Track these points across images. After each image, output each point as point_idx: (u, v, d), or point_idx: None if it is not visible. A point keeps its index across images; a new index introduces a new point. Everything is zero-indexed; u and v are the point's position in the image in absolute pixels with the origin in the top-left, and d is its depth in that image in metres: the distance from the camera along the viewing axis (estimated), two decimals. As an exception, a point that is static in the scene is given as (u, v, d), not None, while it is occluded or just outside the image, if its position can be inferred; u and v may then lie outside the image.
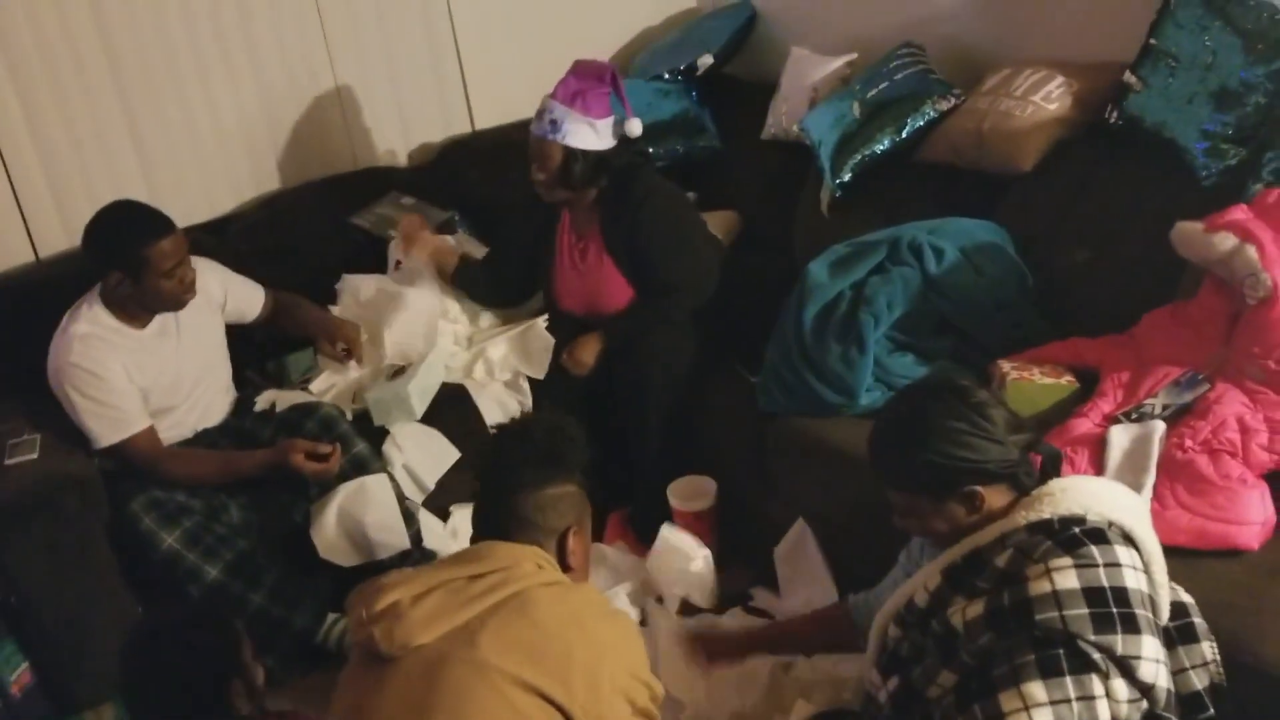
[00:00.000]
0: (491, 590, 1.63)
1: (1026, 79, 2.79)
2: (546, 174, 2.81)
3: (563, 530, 1.79)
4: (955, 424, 1.66)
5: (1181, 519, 1.89)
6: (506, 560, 1.69)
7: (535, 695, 1.55)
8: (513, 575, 1.66)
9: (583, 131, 2.76)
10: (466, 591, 1.64)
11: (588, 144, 2.77)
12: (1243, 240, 2.03)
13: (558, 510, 1.78)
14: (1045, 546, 1.58)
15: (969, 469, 1.65)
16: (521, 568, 1.68)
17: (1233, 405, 2.01)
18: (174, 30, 3.15)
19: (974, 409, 1.68)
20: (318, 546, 2.58)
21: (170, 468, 2.57)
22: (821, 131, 3.06)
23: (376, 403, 2.78)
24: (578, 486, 1.83)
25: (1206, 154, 2.42)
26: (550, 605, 1.64)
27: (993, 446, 1.66)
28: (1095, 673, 1.50)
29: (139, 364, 2.55)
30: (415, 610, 1.61)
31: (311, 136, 3.47)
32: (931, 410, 1.69)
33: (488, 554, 1.72)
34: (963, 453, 1.65)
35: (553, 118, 2.76)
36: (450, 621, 1.60)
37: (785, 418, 2.55)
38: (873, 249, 2.58)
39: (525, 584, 1.65)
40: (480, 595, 1.63)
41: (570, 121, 2.74)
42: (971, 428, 1.66)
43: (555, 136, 2.76)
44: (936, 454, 1.66)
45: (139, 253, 2.45)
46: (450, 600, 1.63)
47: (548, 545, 1.77)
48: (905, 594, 1.77)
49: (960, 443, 1.65)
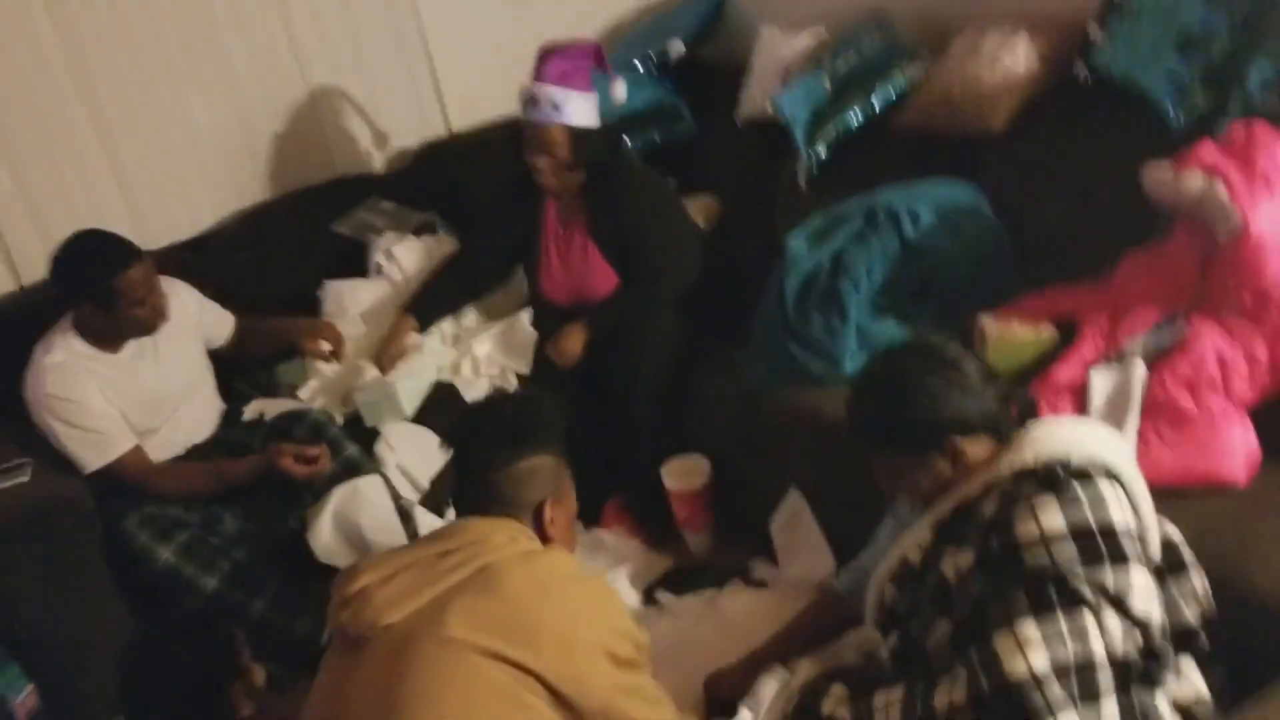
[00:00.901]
0: (460, 566, 1.64)
1: (993, 40, 2.77)
2: (556, 159, 2.79)
3: (538, 502, 1.78)
4: (930, 379, 1.67)
5: (1165, 456, 1.89)
6: (476, 535, 1.69)
7: (506, 664, 1.55)
8: (482, 549, 1.66)
9: (585, 107, 2.77)
10: (435, 569, 1.64)
11: (588, 120, 2.78)
12: (1211, 177, 2.03)
13: (532, 483, 1.78)
14: (1030, 489, 1.58)
15: (949, 422, 1.66)
16: (492, 541, 1.68)
17: (1212, 340, 2.00)
18: (145, 49, 3.16)
19: (949, 364, 1.68)
20: (315, 551, 2.57)
21: (162, 484, 2.58)
22: (794, 109, 3.05)
23: (366, 404, 2.79)
24: (553, 457, 1.83)
25: (1175, 100, 2.41)
26: (517, 575, 1.63)
27: (969, 398, 1.66)
28: (1087, 607, 1.50)
29: (116, 387, 2.55)
30: (383, 591, 1.62)
31: (288, 147, 3.48)
32: (905, 369, 1.70)
33: (459, 531, 1.73)
34: (941, 406, 1.65)
35: (553, 100, 2.74)
36: (418, 599, 1.61)
37: (774, 392, 2.55)
38: (849, 217, 2.59)
39: (494, 557, 1.65)
40: (448, 571, 1.63)
41: (570, 101, 2.74)
42: (946, 382, 1.66)
43: (560, 118, 2.75)
44: (915, 410, 1.66)
45: (108, 284, 2.45)
46: (418, 579, 1.63)
47: (524, 518, 1.77)
48: (898, 553, 1.77)
49: (937, 396, 1.66)
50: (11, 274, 3.07)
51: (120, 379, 2.56)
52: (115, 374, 2.56)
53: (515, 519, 1.76)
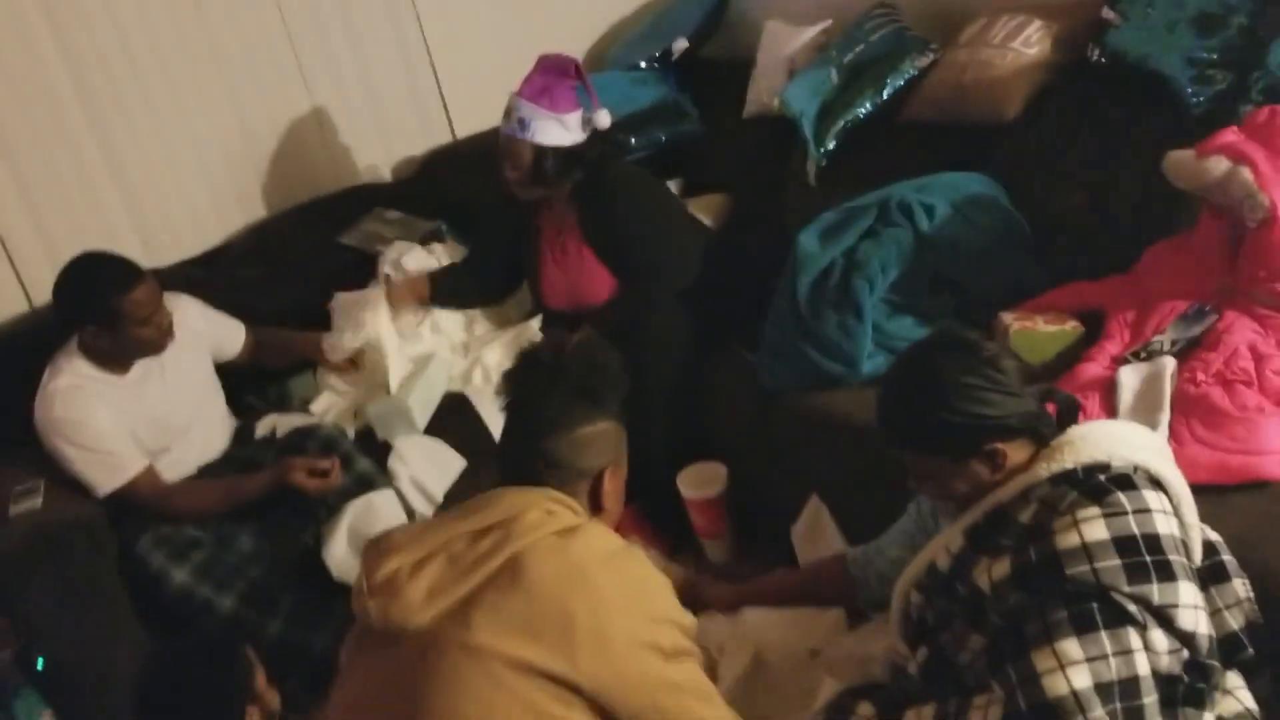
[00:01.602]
0: (491, 554, 1.50)
1: (1003, 26, 2.73)
2: (519, 172, 2.81)
3: (599, 470, 1.64)
4: (971, 379, 1.58)
5: (1201, 455, 1.83)
6: (510, 510, 1.54)
7: (538, 676, 1.44)
8: (513, 531, 1.52)
9: (551, 128, 2.75)
10: (465, 559, 1.51)
11: (556, 140, 2.76)
12: (1235, 162, 1.97)
13: (594, 449, 1.63)
14: (1071, 497, 1.51)
15: (990, 426, 1.58)
16: (525, 519, 1.53)
17: (1243, 333, 1.95)
18: (148, 67, 3.14)
19: (987, 363, 1.60)
20: (330, 568, 2.55)
21: (175, 504, 2.55)
22: (802, 102, 3.01)
23: (379, 418, 2.76)
24: (614, 422, 1.67)
25: (1194, 81, 2.36)
26: (547, 564, 1.49)
27: (1011, 400, 1.59)
28: (1132, 625, 1.43)
29: (125, 408, 2.52)
30: (413, 584, 1.49)
31: (293, 160, 3.45)
32: (944, 367, 1.60)
33: (493, 502, 1.57)
34: (982, 409, 1.57)
35: (520, 116, 2.75)
36: (447, 598, 1.48)
37: (789, 393, 2.50)
38: (862, 213, 2.53)
39: (524, 542, 1.51)
40: (479, 562, 1.50)
41: (538, 119, 2.73)
42: (988, 382, 1.58)
43: (524, 135, 2.75)
44: (955, 413, 1.58)
45: (112, 306, 2.42)
46: (448, 571, 1.50)
47: (579, 488, 1.63)
48: (925, 559, 1.71)
49: (979, 399, 1.58)
50: (23, 295, 3.04)
51: (129, 400, 2.54)
52: (124, 395, 2.53)
53: (569, 488, 1.61)
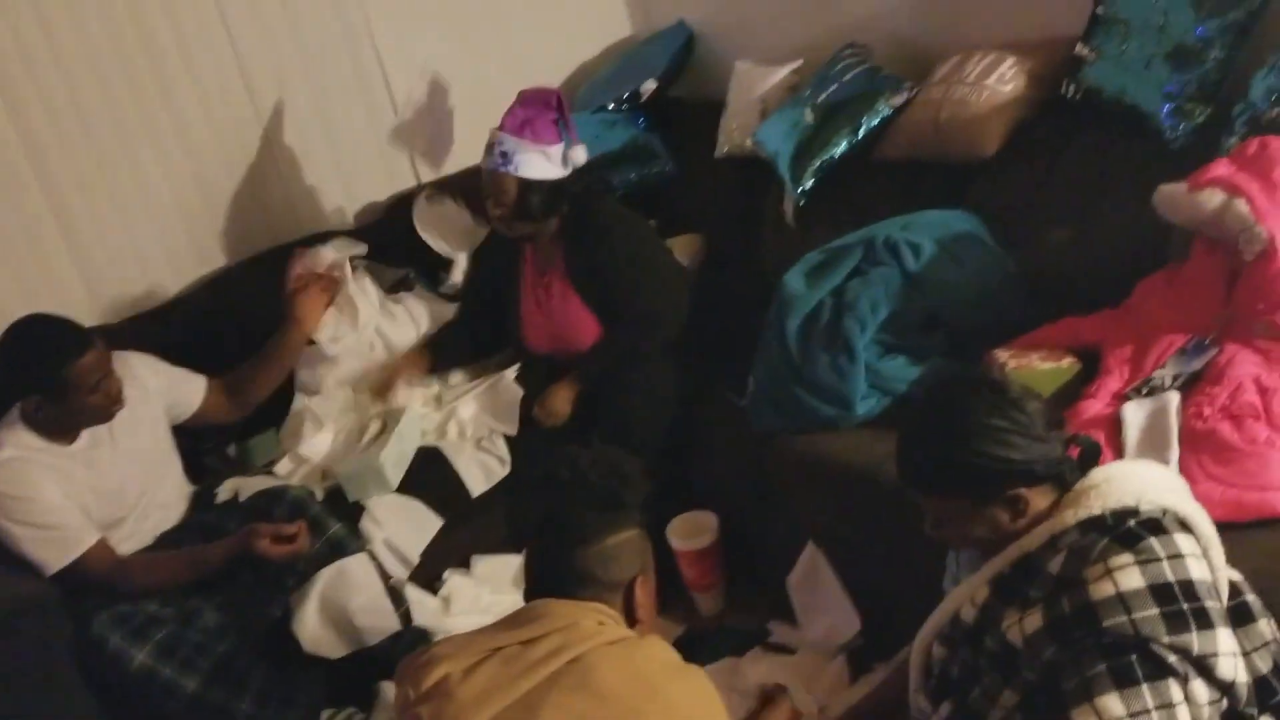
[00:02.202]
0: (549, 657, 1.48)
1: (977, 64, 2.73)
2: (504, 208, 2.73)
3: (629, 581, 1.63)
4: (996, 422, 1.52)
5: (1214, 492, 1.78)
6: (564, 620, 1.53)
7: None
8: (572, 638, 1.50)
9: (535, 161, 2.68)
10: (522, 660, 1.48)
11: (542, 173, 2.69)
12: (1230, 195, 1.95)
13: (621, 561, 1.62)
14: (1102, 545, 1.46)
15: (1015, 471, 1.52)
16: (581, 627, 1.52)
17: (1246, 366, 1.92)
18: (95, 114, 3.01)
19: (1013, 404, 1.54)
20: (301, 641, 2.42)
21: (131, 578, 2.41)
22: (776, 142, 2.98)
23: (349, 478, 2.65)
24: (639, 529, 1.66)
25: (1172, 115, 2.36)
26: (614, 670, 1.48)
27: (1036, 445, 1.53)
28: (1173, 677, 1.38)
29: (73, 480, 2.38)
30: (466, 686, 1.46)
31: (252, 208, 3.34)
32: (969, 408, 1.55)
33: (544, 614, 1.56)
34: (1007, 453, 1.52)
35: (503, 149, 2.68)
36: (506, 696, 1.45)
37: (781, 437, 2.44)
38: (848, 252, 2.50)
39: (586, 646, 1.49)
40: (537, 664, 1.47)
41: (521, 152, 2.66)
42: (1013, 425, 1.52)
43: (508, 169, 2.67)
44: (979, 455, 1.52)
45: (58, 376, 2.28)
46: (504, 671, 1.48)
47: (613, 600, 1.61)
48: (948, 610, 1.64)
49: (1003, 442, 1.52)
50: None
51: (77, 471, 2.40)
52: (71, 466, 2.39)
53: (602, 600, 1.60)
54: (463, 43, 3.61)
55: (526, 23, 3.73)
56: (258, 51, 3.26)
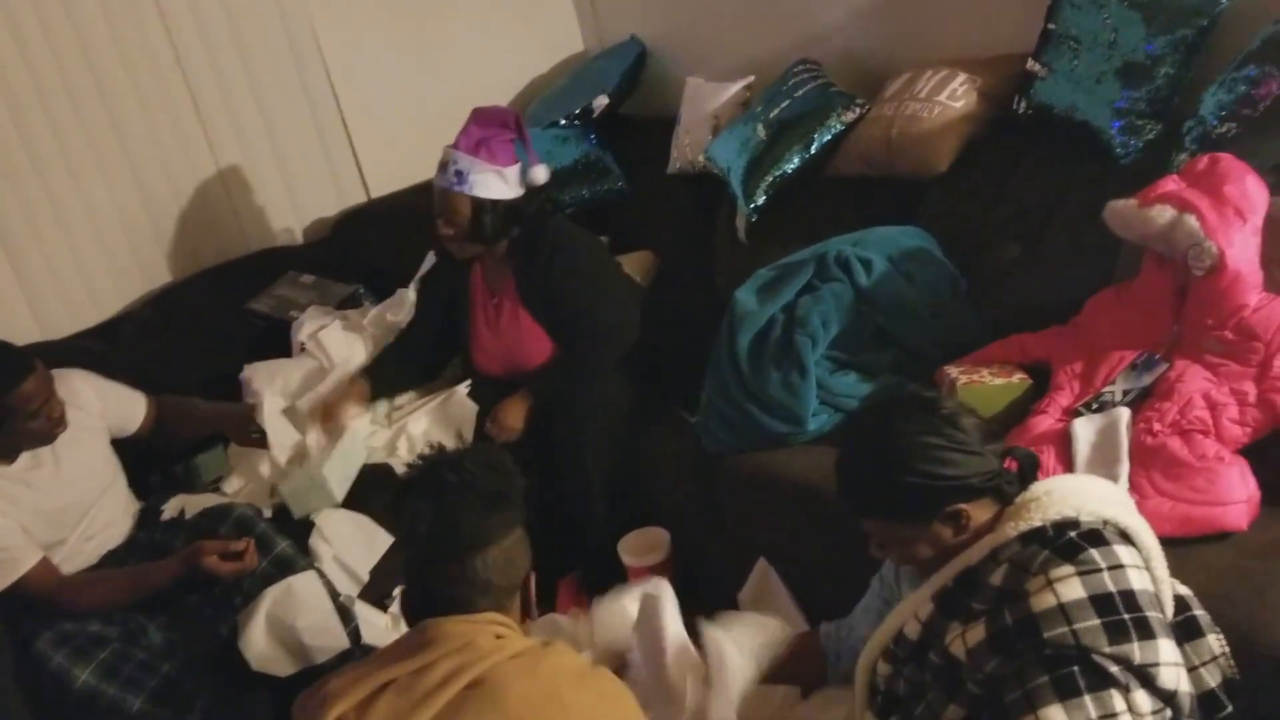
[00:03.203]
0: (447, 682, 1.43)
1: (928, 80, 2.74)
2: (455, 229, 2.68)
3: (523, 580, 1.58)
4: (930, 439, 1.53)
5: (1164, 507, 1.79)
6: (458, 641, 1.47)
7: None
8: (469, 658, 1.45)
9: (490, 181, 2.64)
10: (417, 688, 1.43)
11: (496, 193, 2.65)
12: (1180, 210, 1.96)
13: (517, 562, 1.56)
14: (1043, 557, 1.46)
15: (951, 486, 1.52)
16: (477, 646, 1.46)
17: (1196, 382, 1.93)
18: (37, 131, 2.98)
19: (946, 421, 1.55)
20: (249, 659, 2.36)
21: (75, 598, 2.35)
22: (729, 158, 2.98)
23: (292, 494, 2.60)
24: (523, 524, 1.59)
25: (1122, 131, 2.38)
26: (520, 685, 1.43)
27: (972, 459, 1.53)
28: (1115, 687, 1.38)
29: (13, 500, 2.33)
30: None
31: (198, 224, 3.31)
32: (902, 429, 1.55)
33: (435, 637, 1.49)
34: (943, 470, 1.52)
35: (458, 169, 2.63)
36: None
37: (732, 455, 2.42)
38: (799, 269, 2.49)
39: (487, 665, 1.44)
40: (434, 690, 1.42)
41: (476, 171, 2.62)
42: (948, 441, 1.53)
43: (462, 188, 2.63)
44: (916, 475, 1.52)
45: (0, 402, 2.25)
46: (401, 702, 1.42)
47: (510, 604, 1.55)
48: (893, 626, 1.63)
49: (939, 459, 1.52)
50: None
51: (17, 491, 2.34)
52: (11, 486, 2.34)
53: (501, 609, 1.53)
54: (413, 57, 3.61)
55: (478, 38, 3.73)
56: (204, 69, 3.23)
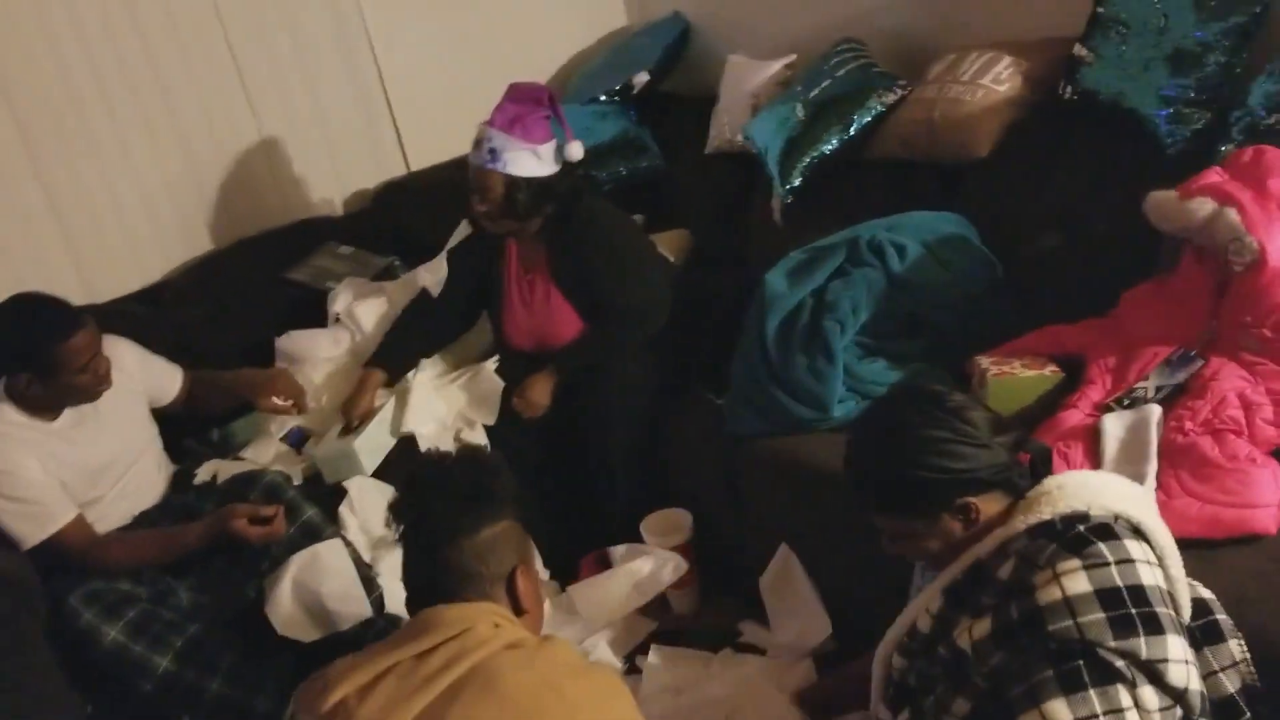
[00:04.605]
0: (447, 667, 1.45)
1: (973, 63, 2.69)
2: (489, 205, 2.67)
3: (509, 573, 1.61)
4: (936, 433, 1.52)
5: (1191, 508, 1.76)
6: (457, 627, 1.50)
7: None
8: (468, 644, 1.48)
9: (524, 158, 2.63)
10: (418, 674, 1.45)
11: (530, 171, 2.64)
12: (1221, 204, 1.91)
13: (498, 553, 1.60)
14: (1050, 550, 1.44)
15: (960, 480, 1.51)
16: (476, 632, 1.50)
17: (1231, 380, 1.88)
18: (87, 98, 3.00)
19: (953, 413, 1.53)
20: (274, 623, 2.39)
21: (107, 556, 2.40)
22: (766, 137, 2.94)
23: (324, 460, 2.63)
24: (512, 520, 1.65)
25: (1169, 120, 2.33)
26: (517, 674, 1.45)
27: (980, 451, 1.52)
28: (1121, 682, 1.36)
29: (54, 456, 2.37)
30: (364, 707, 1.44)
31: (240, 193, 3.33)
32: (908, 422, 1.54)
33: (435, 623, 1.52)
34: (950, 463, 1.51)
35: (492, 146, 2.62)
36: (406, 713, 1.42)
37: (757, 439, 2.40)
38: (831, 252, 2.46)
39: (484, 652, 1.47)
40: (435, 675, 1.44)
41: (510, 149, 2.61)
42: (954, 434, 1.52)
43: (495, 165, 2.62)
44: (923, 469, 1.51)
45: (49, 353, 2.28)
46: (401, 687, 1.45)
47: (497, 594, 1.59)
48: (907, 620, 1.63)
49: (946, 453, 1.51)
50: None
51: (58, 447, 2.39)
52: (53, 442, 2.39)
53: (487, 598, 1.58)
54: (456, 30, 3.61)
55: (520, 11, 3.71)
56: (250, 40, 3.25)
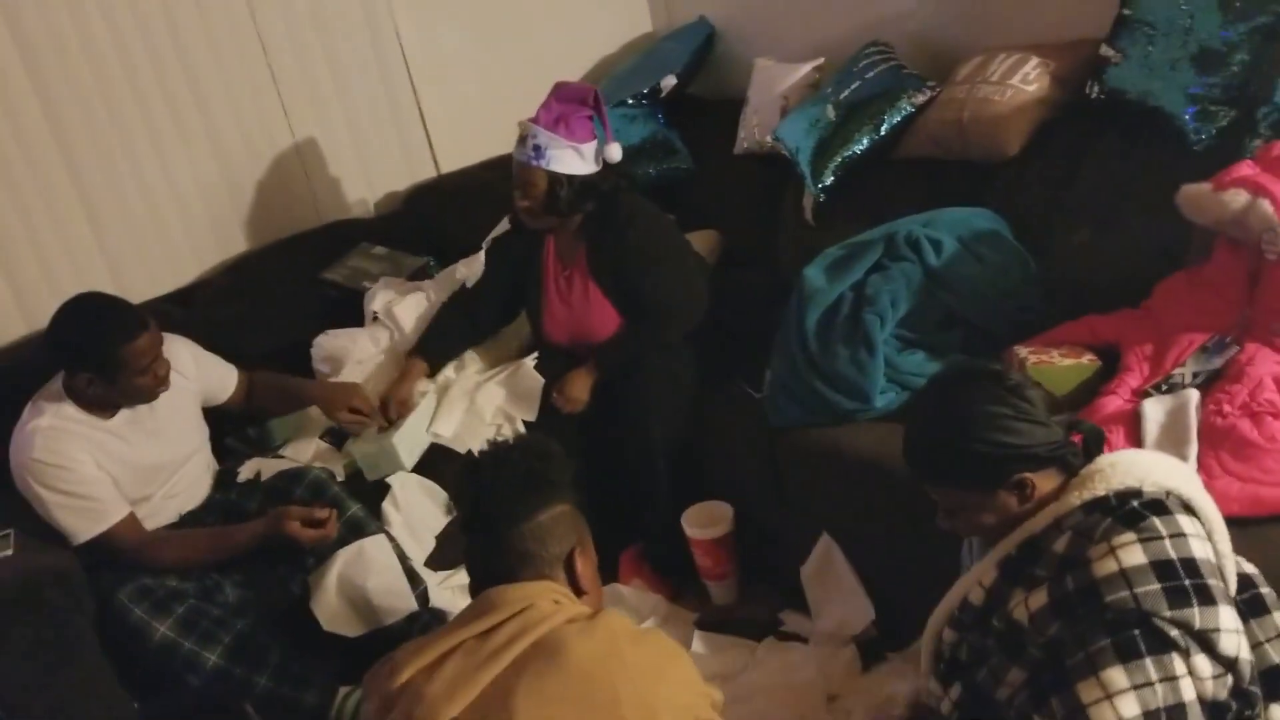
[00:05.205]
0: (511, 643, 1.50)
1: (1001, 63, 2.73)
2: (532, 201, 2.72)
3: (566, 554, 1.66)
4: (997, 409, 1.56)
5: (1233, 487, 1.80)
6: (518, 604, 1.56)
7: None
8: (530, 620, 1.53)
9: (567, 156, 2.67)
10: (483, 650, 1.50)
11: (573, 169, 2.68)
12: (1255, 195, 1.96)
13: (555, 535, 1.65)
14: (1105, 524, 1.49)
15: (1017, 455, 1.56)
16: (538, 608, 1.55)
17: (1266, 365, 1.93)
18: (122, 100, 3.05)
19: (1012, 391, 1.58)
20: (320, 619, 2.44)
21: (159, 554, 2.42)
22: (797, 138, 2.99)
23: (364, 456, 2.67)
24: (569, 505, 1.70)
25: (1196, 118, 2.37)
26: (581, 644, 1.50)
27: (1038, 429, 1.56)
28: (1175, 651, 1.40)
29: (109, 453, 2.40)
30: (432, 684, 1.48)
31: (273, 195, 3.38)
32: (969, 398, 1.59)
33: (498, 601, 1.58)
34: (1009, 439, 1.55)
35: (536, 143, 2.66)
36: (475, 686, 1.47)
37: (798, 430, 2.44)
38: (868, 248, 2.50)
39: (547, 626, 1.52)
40: (500, 650, 1.50)
41: (554, 147, 2.65)
42: (1014, 411, 1.56)
43: (539, 162, 2.66)
44: (982, 443, 1.56)
45: (113, 355, 2.31)
46: (468, 663, 1.50)
47: (556, 576, 1.64)
48: (958, 594, 1.66)
49: (1005, 428, 1.55)
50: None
51: (114, 445, 2.42)
52: (108, 440, 2.41)
53: (546, 578, 1.63)
54: (486, 36, 3.66)
55: (548, 16, 3.77)
56: (283, 43, 3.30)
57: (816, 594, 2.42)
